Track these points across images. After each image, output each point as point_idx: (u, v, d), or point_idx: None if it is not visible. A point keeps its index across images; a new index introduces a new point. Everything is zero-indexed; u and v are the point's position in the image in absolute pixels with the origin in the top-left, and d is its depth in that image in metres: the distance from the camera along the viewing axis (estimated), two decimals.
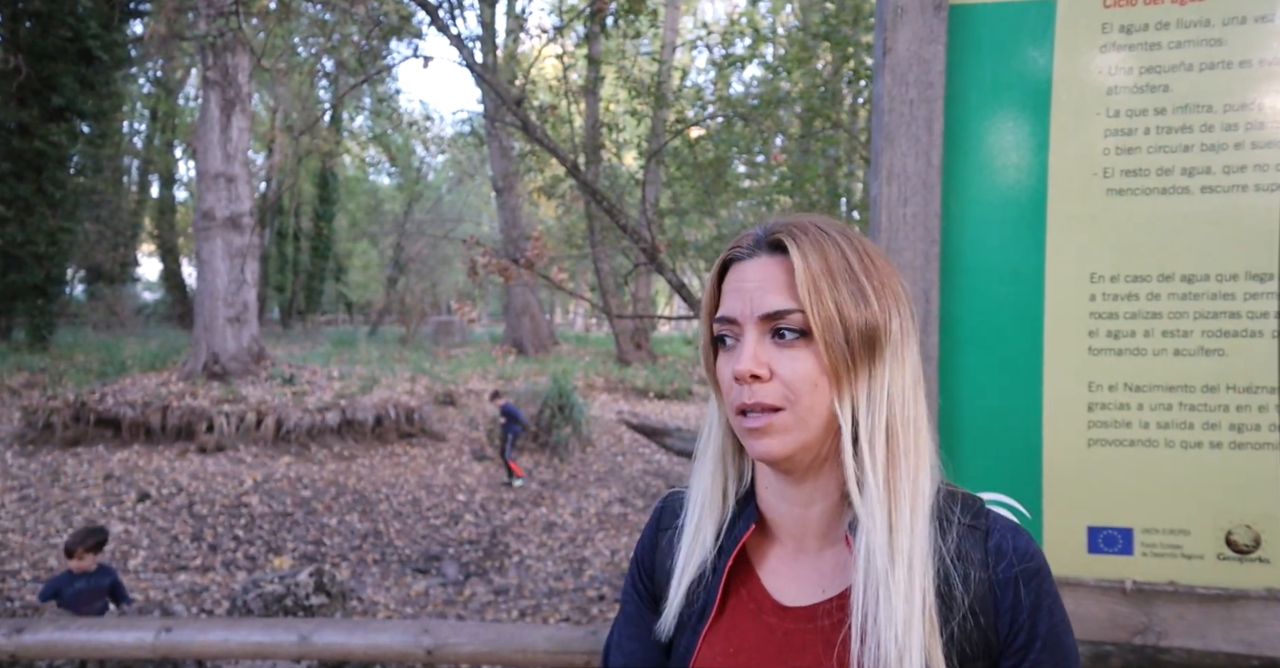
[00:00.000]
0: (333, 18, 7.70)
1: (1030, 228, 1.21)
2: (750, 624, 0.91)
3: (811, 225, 0.85)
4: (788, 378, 0.82)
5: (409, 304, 27.24)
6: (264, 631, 2.05)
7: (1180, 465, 1.17)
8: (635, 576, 1.05)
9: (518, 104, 5.71)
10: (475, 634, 2.02)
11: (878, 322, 0.82)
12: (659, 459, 12.44)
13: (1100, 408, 1.19)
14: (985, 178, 1.24)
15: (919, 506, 0.82)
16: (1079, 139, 1.20)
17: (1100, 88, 1.19)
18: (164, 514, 8.91)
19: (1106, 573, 1.18)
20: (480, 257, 5.07)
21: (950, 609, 0.82)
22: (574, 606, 7.10)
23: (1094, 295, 1.19)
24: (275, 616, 3.83)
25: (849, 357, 0.81)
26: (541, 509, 10.15)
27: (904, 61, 1.22)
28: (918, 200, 1.23)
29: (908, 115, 1.22)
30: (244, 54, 12.95)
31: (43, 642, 1.95)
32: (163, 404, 11.27)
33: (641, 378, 17.62)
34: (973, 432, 1.22)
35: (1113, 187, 1.18)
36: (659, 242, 6.02)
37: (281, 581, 4.02)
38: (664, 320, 32.19)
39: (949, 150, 1.23)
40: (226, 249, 13.24)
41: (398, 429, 12.36)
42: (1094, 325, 1.19)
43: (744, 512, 0.96)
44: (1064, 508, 1.20)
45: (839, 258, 0.83)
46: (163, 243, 29.30)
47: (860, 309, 0.81)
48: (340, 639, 2.02)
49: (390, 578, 7.77)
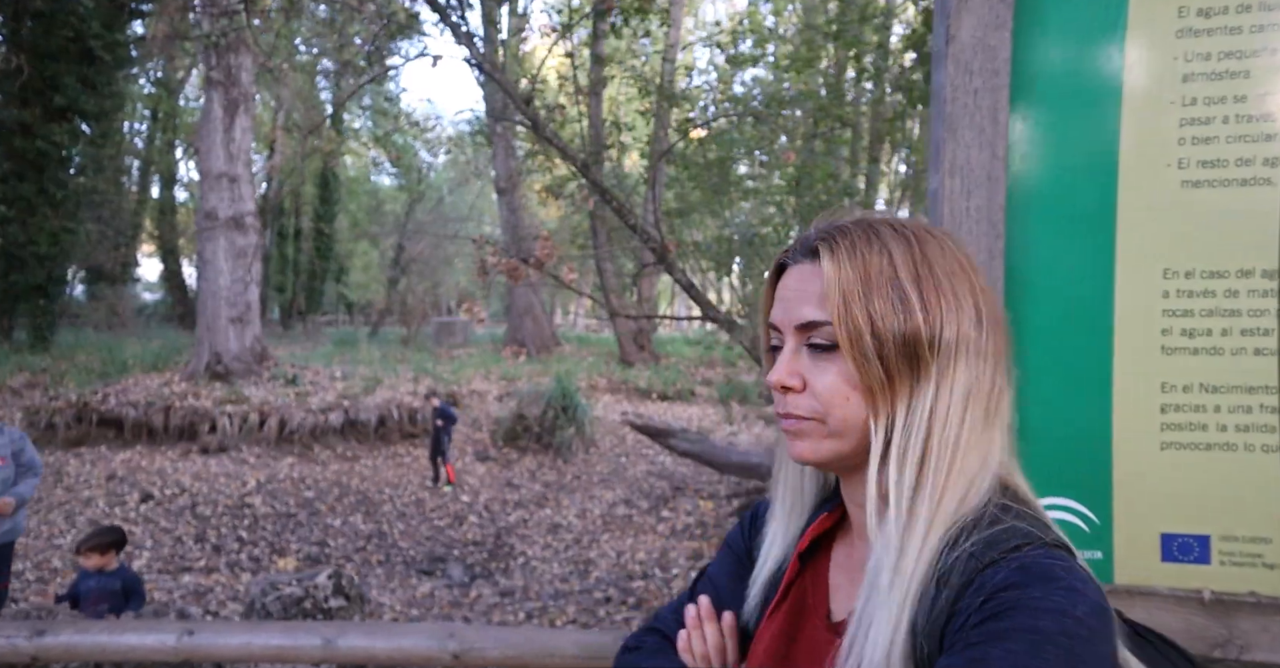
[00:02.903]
0: (340, 18, 7.66)
1: (1099, 222, 1.16)
2: (801, 627, 0.89)
3: (858, 228, 0.81)
4: (819, 390, 0.80)
5: (410, 305, 27.16)
6: (287, 634, 2.01)
7: (1260, 470, 1.12)
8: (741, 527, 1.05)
9: (527, 103, 5.68)
10: (502, 639, 1.97)
11: (920, 333, 0.76)
12: (663, 461, 12.39)
13: (1174, 410, 1.14)
14: (1052, 170, 1.19)
15: (935, 528, 0.75)
16: (1152, 129, 1.15)
17: (1175, 74, 1.14)
18: (167, 515, 8.87)
19: (1182, 582, 1.13)
20: (490, 256, 5.05)
21: (914, 642, 0.73)
22: (581, 607, 7.05)
23: (1167, 292, 1.14)
24: (294, 618, 3.79)
25: (884, 371, 0.76)
26: (546, 510, 10.10)
27: (968, 49, 1.17)
28: (981, 194, 1.19)
29: (971, 105, 1.18)
30: (247, 54, 12.92)
31: (63, 644, 1.91)
32: (165, 405, 11.23)
33: (644, 379, 17.57)
34: (1039, 435, 1.16)
35: (1188, 178, 1.13)
36: (668, 241, 5.99)
37: (300, 583, 3.98)
38: (665, 321, 32.17)
39: (1014, 141, 1.19)
40: (229, 249, 13.21)
41: (401, 430, 12.33)
42: (1167, 324, 1.14)
43: (825, 503, 0.94)
44: (1136, 514, 1.15)
45: (882, 264, 0.77)
46: (163, 243, 29.25)
47: (899, 320, 0.76)
48: (364, 643, 1.97)
49: (395, 579, 7.72)
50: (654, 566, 8.06)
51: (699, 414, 15.84)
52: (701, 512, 9.96)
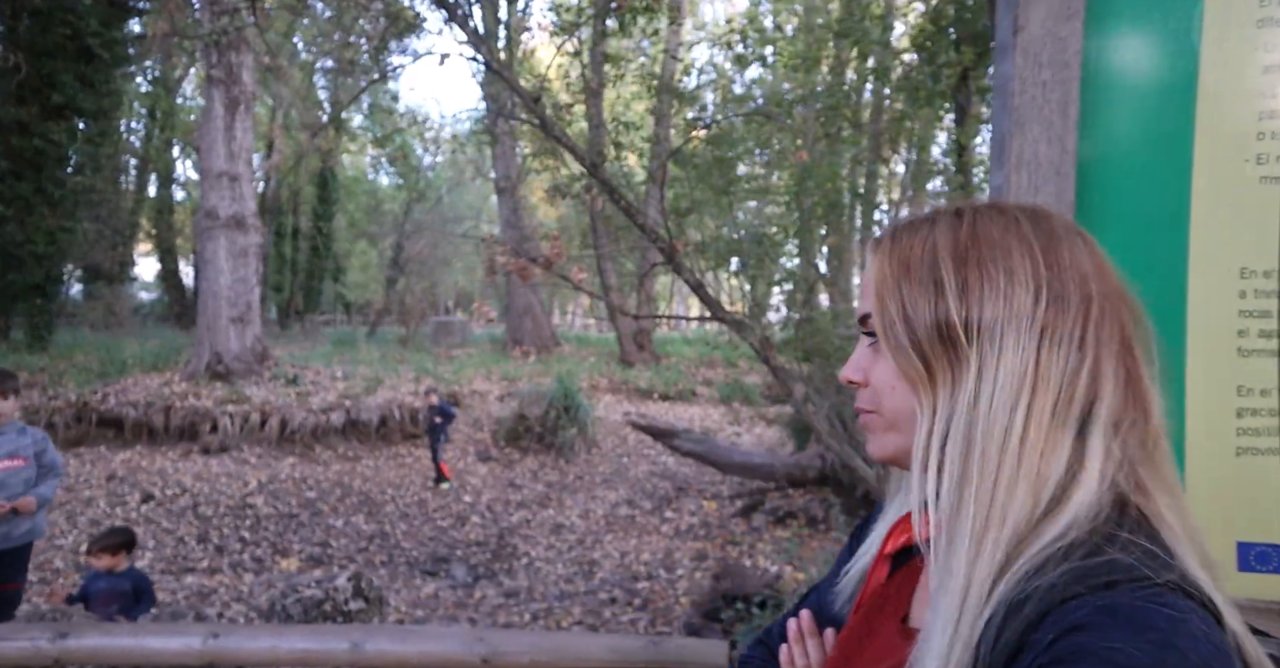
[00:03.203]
0: (346, 16, 7.62)
1: (1172, 219, 1.13)
2: (877, 628, 0.86)
3: (921, 216, 0.79)
4: (873, 382, 0.80)
5: (408, 305, 27.11)
6: (313, 637, 1.97)
7: None
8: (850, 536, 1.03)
9: (535, 101, 5.64)
10: (532, 643, 1.94)
11: (951, 316, 0.70)
12: (665, 461, 12.36)
13: (1251, 414, 1.10)
14: (1122, 165, 1.15)
15: (988, 545, 0.65)
16: (1228, 122, 1.11)
17: (1256, 65, 1.10)
18: (169, 515, 8.82)
19: (1261, 593, 1.10)
20: (500, 256, 5.02)
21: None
22: (586, 608, 7.01)
23: (1244, 292, 1.10)
24: (315, 621, 3.76)
25: (921, 360, 0.72)
26: (549, 511, 10.07)
27: (1037, 40, 1.14)
28: (1050, 190, 1.15)
29: (1040, 98, 1.14)
30: (248, 52, 12.86)
31: (87, 647, 1.88)
32: (165, 404, 11.18)
33: (645, 379, 17.56)
34: None
35: (1267, 174, 1.10)
36: (676, 241, 5.96)
37: (320, 585, 3.94)
38: (663, 320, 32.14)
39: (1082, 135, 1.16)
40: (230, 248, 13.16)
41: (402, 430, 12.28)
42: (1244, 324, 1.10)
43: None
44: (1210, 522, 1.11)
45: (923, 250, 0.74)
46: (160, 243, 29.16)
47: (931, 304, 0.72)
48: (393, 647, 1.94)
49: (399, 580, 7.68)
50: (659, 566, 8.03)
51: (700, 414, 15.82)
52: (705, 512, 9.93)
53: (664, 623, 6.51)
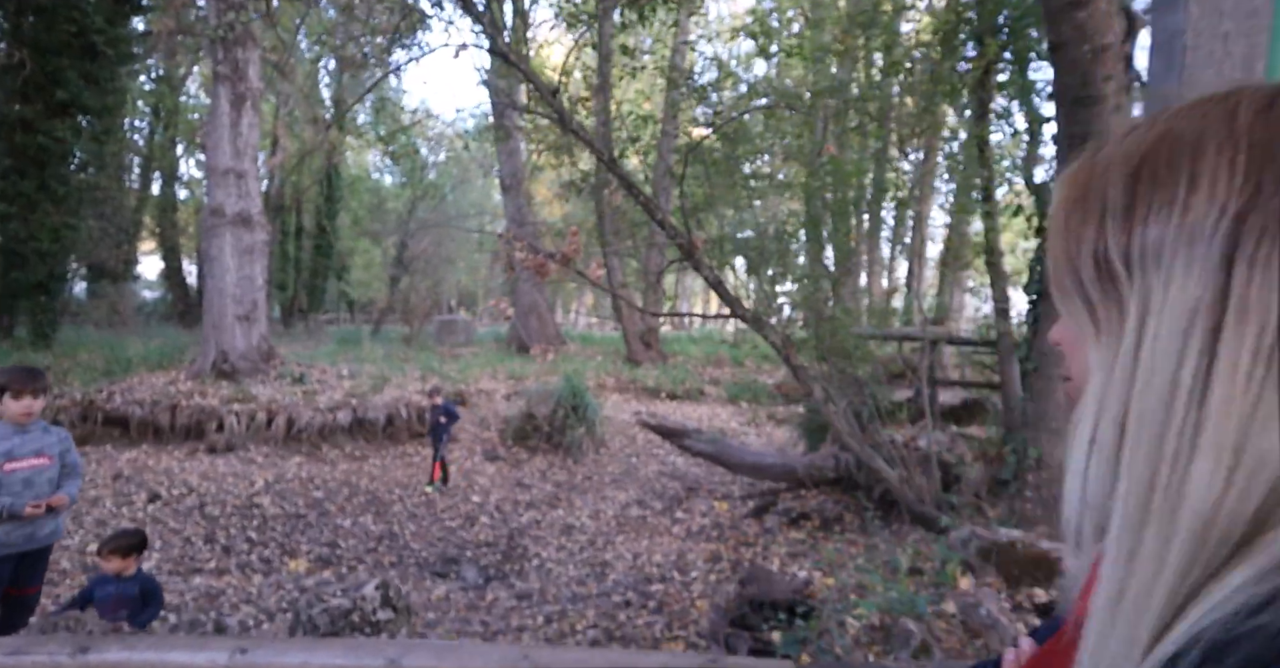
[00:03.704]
0: (360, 7, 7.52)
1: None
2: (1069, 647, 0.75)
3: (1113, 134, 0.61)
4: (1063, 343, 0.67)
5: (413, 303, 27.01)
6: (348, 653, 1.86)
7: None
8: None
9: (554, 95, 5.53)
10: (581, 661, 1.83)
11: (1109, 241, 0.54)
12: (674, 461, 12.25)
13: None
14: None
15: (1174, 543, 0.47)
16: None
17: None
18: (175, 515, 8.70)
19: None
20: (519, 252, 4.91)
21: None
22: (600, 611, 6.89)
23: None
24: (342, 631, 3.65)
25: (1087, 305, 0.57)
26: (558, 511, 9.95)
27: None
28: None
29: (1220, 52, 1.00)
30: (255, 48, 12.74)
31: (110, 662, 1.76)
32: (171, 403, 11.07)
33: (653, 378, 17.44)
34: None
35: None
36: (695, 238, 5.85)
37: (346, 594, 3.82)
38: (668, 319, 32.02)
39: None
40: (236, 246, 13.04)
41: (409, 429, 12.17)
42: None
43: None
44: None
45: (1095, 172, 0.58)
46: (164, 241, 29.08)
47: (1094, 233, 0.56)
48: (433, 664, 1.83)
49: (409, 582, 7.57)
50: (671, 568, 7.91)
51: (709, 413, 15.70)
52: (717, 513, 9.80)
53: (680, 626, 6.38)
